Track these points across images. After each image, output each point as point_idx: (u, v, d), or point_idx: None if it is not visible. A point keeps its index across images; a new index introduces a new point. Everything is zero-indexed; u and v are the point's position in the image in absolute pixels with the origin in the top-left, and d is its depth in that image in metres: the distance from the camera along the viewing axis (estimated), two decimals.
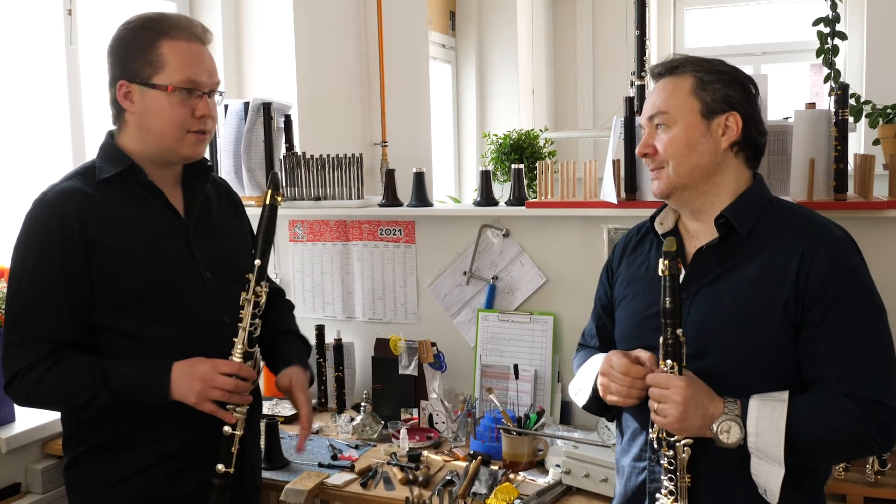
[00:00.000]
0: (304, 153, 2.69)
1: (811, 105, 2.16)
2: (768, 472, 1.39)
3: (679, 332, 1.42)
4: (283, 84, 3.22)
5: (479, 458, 2.17)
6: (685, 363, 1.45)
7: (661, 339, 1.44)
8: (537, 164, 2.39)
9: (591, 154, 6.41)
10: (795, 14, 6.09)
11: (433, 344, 2.46)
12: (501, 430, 2.18)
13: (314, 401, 2.67)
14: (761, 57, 6.31)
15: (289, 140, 2.80)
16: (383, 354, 2.56)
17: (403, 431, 2.31)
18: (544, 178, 2.40)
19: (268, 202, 1.64)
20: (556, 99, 6.67)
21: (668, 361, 1.43)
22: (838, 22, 3.77)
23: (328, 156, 2.65)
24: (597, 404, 1.66)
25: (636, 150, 1.58)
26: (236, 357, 1.60)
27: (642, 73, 2.35)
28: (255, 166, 2.68)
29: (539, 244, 2.47)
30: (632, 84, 2.35)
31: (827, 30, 3.76)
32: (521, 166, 2.46)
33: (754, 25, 6.36)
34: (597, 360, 1.68)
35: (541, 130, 5.29)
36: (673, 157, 1.52)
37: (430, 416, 2.44)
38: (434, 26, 5.26)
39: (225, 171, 2.69)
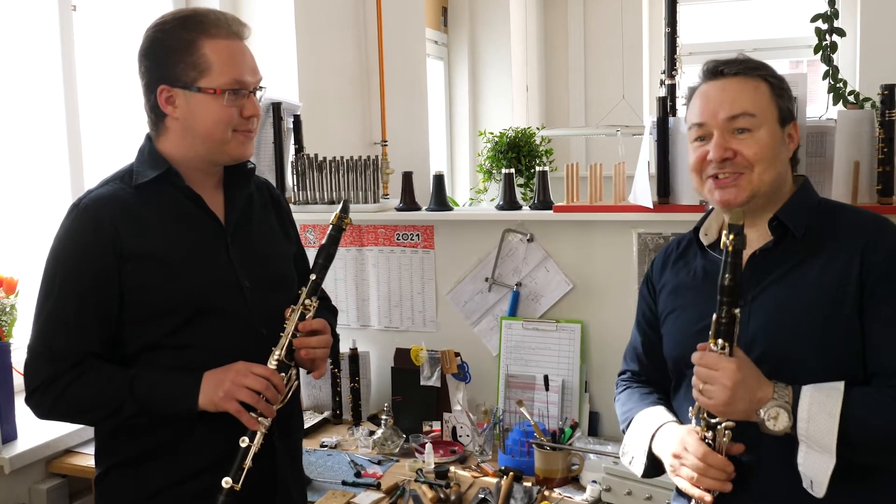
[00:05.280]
0: (316, 155, 2.58)
1: (853, 105, 2.09)
2: (817, 462, 1.31)
3: (736, 311, 1.34)
4: (285, 84, 3.11)
5: (512, 473, 2.08)
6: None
7: (713, 316, 1.36)
8: (566, 166, 2.31)
9: (584, 152, 6.33)
10: (788, 9, 6.06)
11: (457, 354, 2.37)
12: (535, 445, 2.09)
13: (328, 412, 2.57)
14: (753, 54, 6.27)
15: (298, 141, 2.68)
16: (403, 365, 2.46)
17: (429, 446, 2.21)
18: (571, 181, 2.32)
19: (334, 223, 1.60)
20: (548, 96, 6.59)
21: (720, 340, 1.35)
22: (837, 18, 3.73)
23: (342, 158, 2.55)
24: (655, 472, 1.58)
25: (712, 155, 1.47)
26: (271, 364, 1.52)
27: (673, 72, 2.27)
28: (265, 168, 2.57)
29: (565, 249, 2.39)
30: (661, 83, 2.27)
31: (825, 26, 3.71)
32: (548, 168, 2.37)
33: (746, 21, 6.32)
34: (646, 420, 1.60)
35: (537, 128, 5.21)
36: (761, 163, 1.45)
37: (454, 428, 2.34)
38: (426, 22, 5.15)
39: None
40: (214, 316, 1.53)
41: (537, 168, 2.38)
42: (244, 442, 1.47)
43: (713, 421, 1.38)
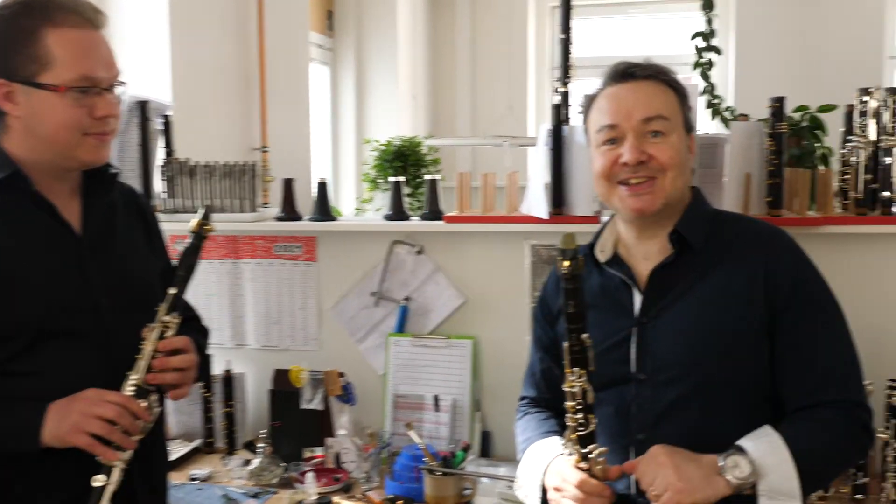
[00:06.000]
0: (187, 160, 2.37)
1: (744, 116, 2.09)
2: None
3: (584, 336, 1.31)
4: (155, 81, 2.87)
5: (401, 502, 1.95)
6: (659, 391, 1.40)
7: (565, 345, 1.33)
8: (456, 175, 2.20)
9: (471, 161, 6.28)
10: (661, 27, 6.22)
11: (341, 374, 2.21)
12: (424, 471, 1.96)
13: (199, 441, 2.36)
14: None
15: (168, 144, 2.47)
16: (283, 387, 2.27)
17: (310, 475, 2.04)
18: (462, 191, 2.22)
19: (195, 230, 1.45)
20: (435, 105, 6.52)
21: (577, 369, 1.32)
22: (714, 36, 3.83)
23: (216, 163, 2.35)
24: None
25: (627, 158, 1.40)
26: (127, 390, 1.35)
27: (566, 80, 2.20)
28: (130, 173, 2.34)
29: (456, 262, 2.28)
30: (555, 91, 2.21)
31: (703, 44, 3.80)
32: (438, 177, 2.26)
33: (619, 38, 6.44)
34: (538, 453, 1.52)
35: (424, 137, 5.12)
36: (674, 168, 1.41)
37: (338, 454, 2.18)
38: (311, 25, 4.98)
39: None
40: (64, 339, 1.37)
41: (426, 177, 2.26)
42: (98, 481, 1.29)
43: (584, 451, 1.33)
